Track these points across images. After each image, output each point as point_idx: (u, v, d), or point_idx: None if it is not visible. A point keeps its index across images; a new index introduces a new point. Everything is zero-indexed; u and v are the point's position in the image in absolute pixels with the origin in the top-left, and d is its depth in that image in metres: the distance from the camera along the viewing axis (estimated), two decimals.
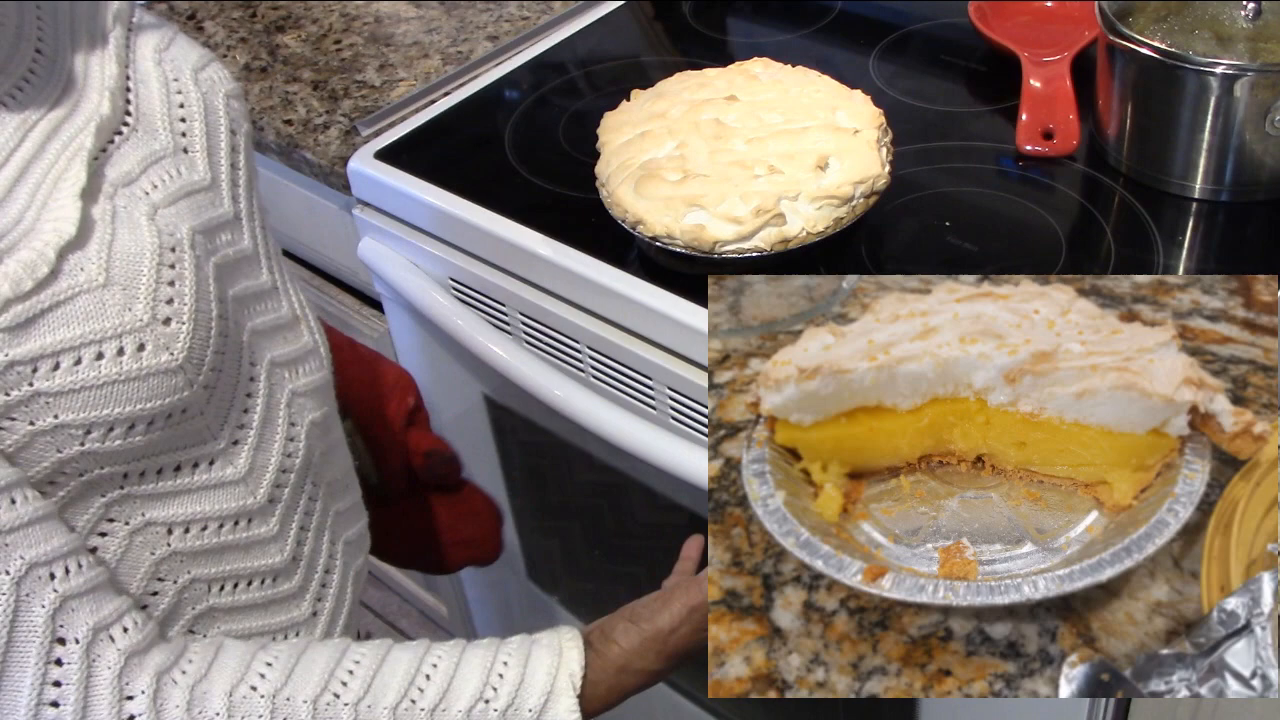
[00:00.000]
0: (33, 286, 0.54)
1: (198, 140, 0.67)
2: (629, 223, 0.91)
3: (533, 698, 0.66)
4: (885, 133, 0.93)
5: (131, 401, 0.58)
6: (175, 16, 1.44)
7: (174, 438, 0.62)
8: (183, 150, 0.65)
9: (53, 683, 0.56)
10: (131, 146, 0.63)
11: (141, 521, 0.63)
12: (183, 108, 0.67)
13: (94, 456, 0.59)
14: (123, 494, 0.61)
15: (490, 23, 1.35)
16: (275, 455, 0.69)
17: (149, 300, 0.58)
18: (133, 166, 0.62)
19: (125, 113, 0.64)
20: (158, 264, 0.59)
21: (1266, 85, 0.86)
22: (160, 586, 0.65)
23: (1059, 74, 1.03)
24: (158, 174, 0.63)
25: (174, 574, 0.65)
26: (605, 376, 0.99)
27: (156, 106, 0.66)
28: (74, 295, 0.56)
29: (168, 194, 0.62)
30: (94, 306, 0.56)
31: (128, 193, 0.61)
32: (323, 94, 1.26)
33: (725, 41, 1.24)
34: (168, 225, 0.61)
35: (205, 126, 0.68)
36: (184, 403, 0.61)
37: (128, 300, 0.58)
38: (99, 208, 0.59)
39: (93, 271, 0.57)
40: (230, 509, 0.66)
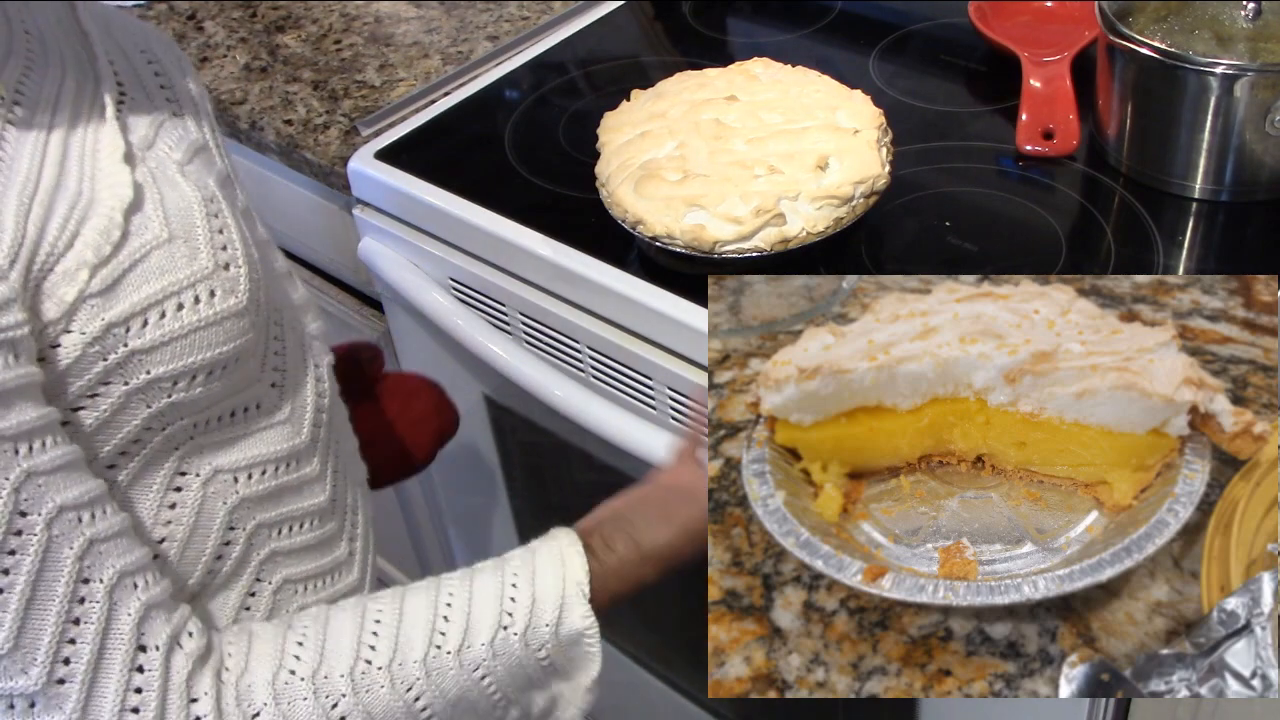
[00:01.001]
0: (111, 250, 0.57)
1: (185, 106, 0.69)
2: (629, 223, 0.91)
3: (548, 612, 0.68)
4: (885, 133, 0.93)
5: (211, 347, 0.61)
6: (175, 16, 1.44)
7: (236, 382, 0.65)
8: (174, 115, 0.68)
9: (135, 689, 0.57)
10: (134, 112, 0.65)
11: (210, 471, 0.65)
12: (158, 75, 0.69)
13: (178, 408, 0.61)
14: (193, 444, 0.64)
15: (490, 23, 1.35)
16: (310, 395, 0.72)
17: (209, 249, 0.62)
18: (146, 130, 0.64)
19: (117, 81, 0.66)
20: (206, 214, 0.62)
21: (1266, 85, 0.86)
22: (232, 535, 0.67)
23: (1059, 74, 1.03)
24: (168, 136, 0.65)
25: (243, 521, 0.68)
26: (605, 376, 0.99)
27: (140, 72, 0.68)
28: (147, 253, 0.59)
29: (184, 153, 0.65)
30: (166, 261, 0.59)
31: (153, 155, 0.63)
32: (323, 94, 1.26)
33: (725, 41, 1.24)
34: (198, 179, 0.64)
35: (184, 91, 0.70)
36: (249, 344, 0.64)
37: (191, 251, 0.61)
38: (140, 170, 0.61)
39: (156, 229, 0.59)
40: (283, 450, 0.69)
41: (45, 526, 0.54)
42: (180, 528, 0.64)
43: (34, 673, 0.54)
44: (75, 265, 0.56)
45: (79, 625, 0.56)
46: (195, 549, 0.66)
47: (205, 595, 0.68)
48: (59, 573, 0.55)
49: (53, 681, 0.55)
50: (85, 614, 0.56)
